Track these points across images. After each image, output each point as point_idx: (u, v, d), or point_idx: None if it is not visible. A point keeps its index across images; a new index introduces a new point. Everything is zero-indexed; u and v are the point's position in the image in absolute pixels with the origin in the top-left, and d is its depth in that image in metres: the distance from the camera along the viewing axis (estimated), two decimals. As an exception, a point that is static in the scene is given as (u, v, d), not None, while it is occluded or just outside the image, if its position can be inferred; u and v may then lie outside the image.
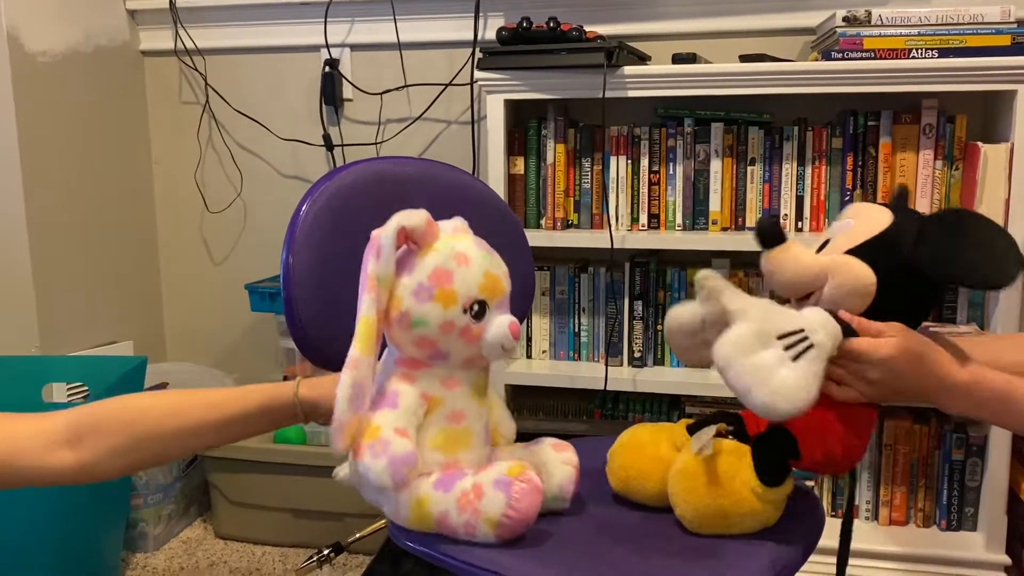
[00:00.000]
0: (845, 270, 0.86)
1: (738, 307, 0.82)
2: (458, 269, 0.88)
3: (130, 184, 2.26)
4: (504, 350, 0.89)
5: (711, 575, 0.84)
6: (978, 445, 1.78)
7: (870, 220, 0.89)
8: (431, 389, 0.91)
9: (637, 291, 1.90)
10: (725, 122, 1.82)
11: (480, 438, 0.94)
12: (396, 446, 0.85)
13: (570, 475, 0.97)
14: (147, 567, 1.91)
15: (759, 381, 0.78)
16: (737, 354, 0.79)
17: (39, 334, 1.93)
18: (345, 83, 2.17)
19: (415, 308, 0.88)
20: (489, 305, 0.89)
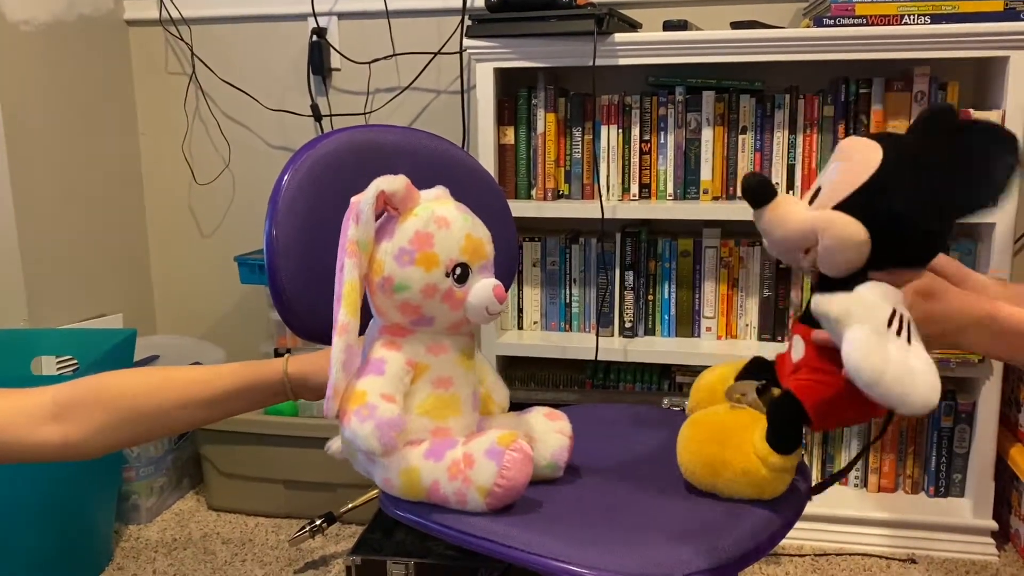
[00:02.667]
0: (832, 229, 0.83)
1: (838, 312, 0.79)
2: (439, 232, 0.88)
3: (117, 156, 2.24)
4: (489, 313, 0.89)
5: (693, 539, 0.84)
6: (966, 412, 1.79)
7: (857, 165, 0.85)
8: (416, 355, 0.91)
9: (628, 261, 1.89)
10: (716, 90, 1.81)
11: (468, 404, 0.94)
12: (382, 410, 0.85)
13: (563, 444, 0.97)
14: (140, 539, 1.92)
15: (909, 384, 0.76)
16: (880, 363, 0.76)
17: (27, 307, 1.92)
18: (333, 52, 2.14)
19: (397, 272, 0.88)
20: (472, 268, 0.89)
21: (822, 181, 0.88)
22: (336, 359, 0.86)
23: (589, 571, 0.82)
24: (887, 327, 0.78)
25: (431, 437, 0.91)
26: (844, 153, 0.88)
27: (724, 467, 0.91)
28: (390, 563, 1.55)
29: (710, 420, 0.94)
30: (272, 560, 1.82)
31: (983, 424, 1.75)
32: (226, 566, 1.79)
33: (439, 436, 0.91)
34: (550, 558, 0.84)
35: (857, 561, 1.76)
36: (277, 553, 1.85)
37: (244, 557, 1.83)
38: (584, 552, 0.83)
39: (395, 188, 0.88)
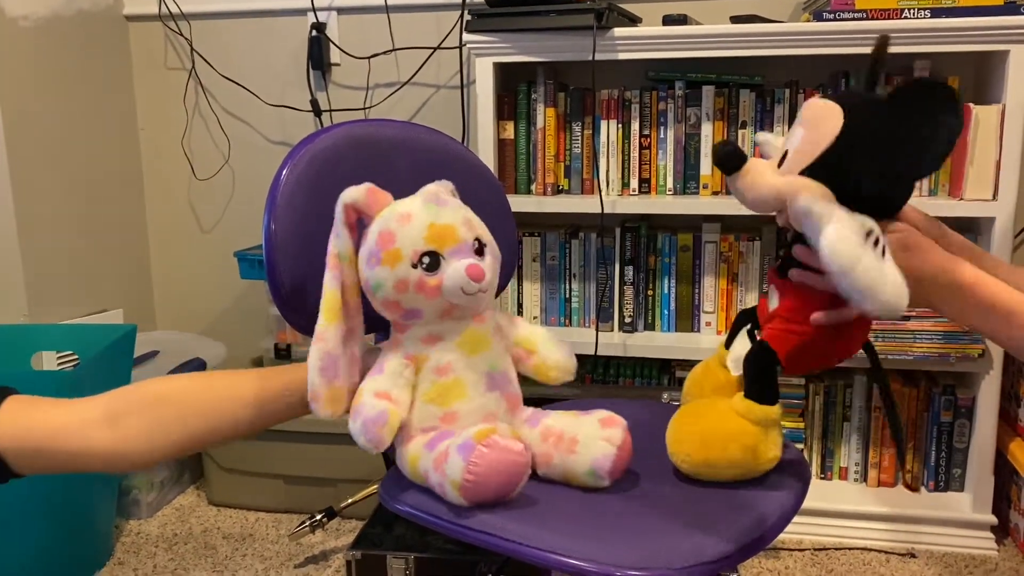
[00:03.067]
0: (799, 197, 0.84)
1: (820, 210, 0.81)
2: (400, 228, 0.90)
3: (116, 152, 2.24)
4: (466, 293, 0.90)
5: (693, 532, 0.85)
6: (966, 407, 1.79)
7: (819, 131, 0.86)
8: (412, 349, 0.94)
9: (628, 256, 1.89)
10: (716, 85, 1.81)
11: (479, 386, 0.94)
12: (368, 408, 0.89)
13: (606, 452, 0.93)
14: (140, 533, 1.92)
15: (878, 278, 0.78)
16: (856, 253, 0.78)
17: (27, 303, 1.92)
18: (332, 47, 2.14)
19: (370, 275, 0.92)
20: (442, 254, 0.90)
21: (788, 145, 0.90)
22: (312, 366, 0.91)
23: (588, 564, 0.82)
24: (864, 238, 0.80)
25: (441, 424, 0.93)
26: (808, 118, 0.89)
27: (712, 437, 0.94)
28: (390, 557, 1.55)
29: (689, 409, 0.98)
30: (272, 555, 1.82)
31: (983, 419, 1.75)
32: (227, 561, 1.80)
33: (447, 422, 0.93)
34: (549, 551, 0.84)
35: (856, 555, 1.76)
36: (277, 548, 1.85)
37: (245, 552, 1.83)
38: (583, 545, 0.83)
39: (356, 197, 0.91)
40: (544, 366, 1.03)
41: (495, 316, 1.00)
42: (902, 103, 0.84)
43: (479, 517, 0.88)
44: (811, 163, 0.86)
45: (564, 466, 0.95)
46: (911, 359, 1.73)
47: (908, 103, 0.84)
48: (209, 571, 1.76)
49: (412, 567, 1.55)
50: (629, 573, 0.81)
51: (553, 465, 0.95)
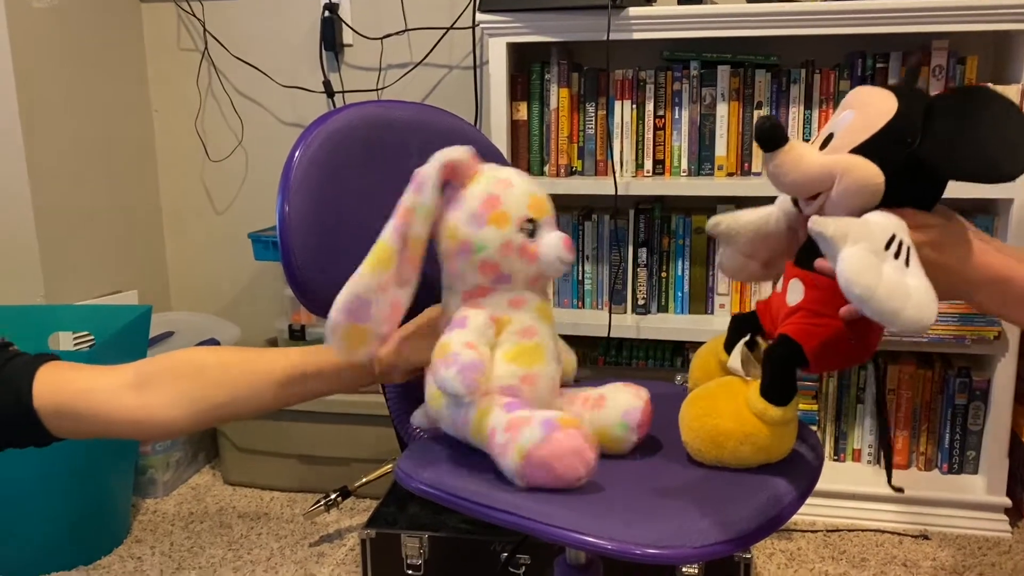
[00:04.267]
0: (852, 172, 0.82)
1: (834, 232, 0.78)
2: (504, 192, 0.93)
3: (131, 133, 2.25)
4: (562, 263, 0.93)
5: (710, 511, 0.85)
6: (981, 389, 1.79)
7: (873, 111, 0.84)
8: (498, 311, 0.95)
9: (641, 238, 1.89)
10: (731, 65, 1.79)
11: (552, 354, 0.97)
12: (464, 356, 0.89)
13: (636, 405, 0.97)
14: (157, 512, 1.94)
15: (901, 298, 0.76)
16: (874, 278, 0.76)
17: (44, 284, 1.93)
18: (345, 28, 2.13)
19: (474, 235, 0.92)
20: (539, 223, 0.93)
21: (834, 127, 0.87)
22: (338, 300, 0.90)
23: (606, 542, 0.82)
24: (884, 249, 0.78)
25: (521, 384, 0.94)
26: (858, 101, 0.87)
27: (726, 438, 0.91)
28: (404, 536, 1.57)
29: (704, 395, 0.95)
30: (287, 534, 1.83)
31: (998, 401, 1.74)
32: (242, 539, 1.81)
33: (527, 383, 0.94)
34: (567, 529, 0.84)
35: (869, 537, 1.77)
36: (292, 527, 1.86)
37: (260, 531, 1.85)
38: (601, 524, 0.83)
39: (460, 157, 0.93)
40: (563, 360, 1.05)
41: None
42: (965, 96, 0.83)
43: (497, 495, 0.88)
44: (864, 141, 0.83)
45: (594, 423, 0.96)
46: (926, 341, 1.72)
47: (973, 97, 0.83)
48: (224, 549, 1.77)
49: (426, 546, 1.56)
50: (648, 551, 0.81)
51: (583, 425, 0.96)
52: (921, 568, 1.66)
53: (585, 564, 1.10)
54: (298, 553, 1.75)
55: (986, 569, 1.65)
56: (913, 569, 1.65)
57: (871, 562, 1.68)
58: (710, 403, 0.93)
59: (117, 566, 1.72)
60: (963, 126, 0.82)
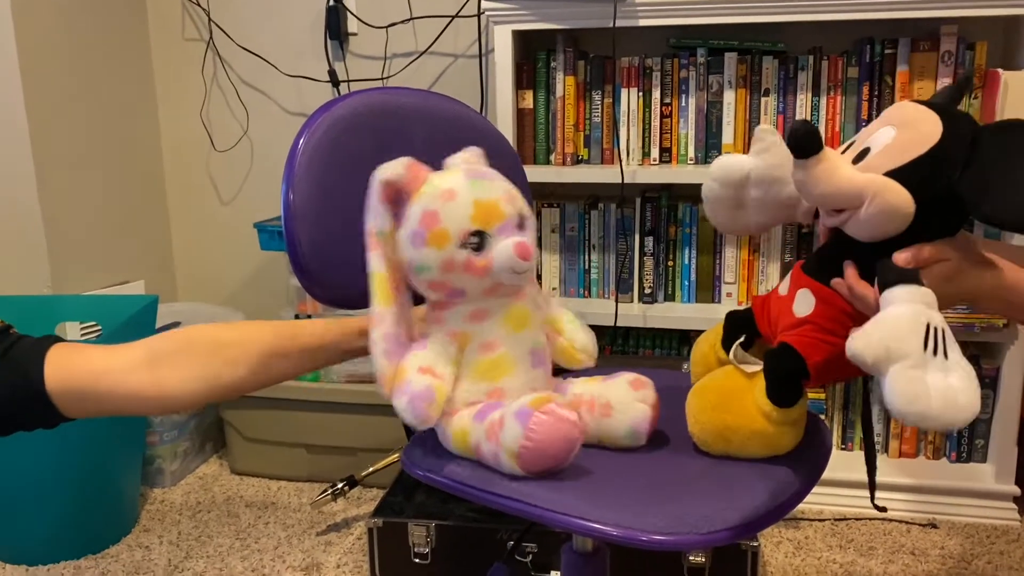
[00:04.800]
0: (884, 196, 0.79)
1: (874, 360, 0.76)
2: (444, 207, 0.88)
3: (136, 123, 2.24)
4: (516, 273, 0.88)
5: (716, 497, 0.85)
6: (990, 377, 1.78)
7: (916, 134, 0.81)
8: (457, 326, 0.92)
9: (648, 227, 1.88)
10: (739, 52, 1.78)
11: (524, 363, 0.93)
12: (414, 384, 0.87)
13: (644, 414, 0.94)
14: (165, 501, 1.95)
15: (952, 408, 0.74)
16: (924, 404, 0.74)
17: (50, 274, 1.94)
18: (350, 16, 2.12)
19: (414, 256, 0.89)
20: (489, 233, 0.88)
21: (872, 143, 0.84)
22: (376, 351, 0.90)
23: (613, 529, 0.82)
24: (923, 351, 0.76)
25: (488, 400, 0.92)
26: (902, 119, 0.84)
27: (733, 433, 0.91)
28: (411, 525, 1.57)
29: (711, 387, 0.94)
30: (295, 523, 1.84)
31: (1007, 389, 1.74)
32: (249, 528, 1.82)
33: (495, 397, 0.92)
34: (574, 516, 0.84)
35: (877, 525, 1.76)
36: (300, 516, 1.87)
37: (267, 520, 1.85)
38: (608, 511, 0.83)
39: (391, 176, 0.89)
40: (571, 348, 1.01)
41: (533, 291, 0.98)
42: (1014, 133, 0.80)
43: (504, 483, 0.88)
44: (901, 165, 0.81)
45: (600, 430, 0.95)
46: (935, 329, 1.71)
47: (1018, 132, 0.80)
48: (232, 538, 1.78)
49: (433, 534, 1.56)
50: (654, 538, 0.81)
51: (588, 430, 0.95)
52: (929, 556, 1.65)
53: (592, 551, 1.09)
54: (305, 542, 1.76)
55: (995, 557, 1.64)
56: (921, 557, 1.65)
57: (879, 551, 1.67)
58: (717, 397, 0.92)
59: (125, 555, 1.73)
60: (1007, 169, 0.79)
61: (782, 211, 0.97)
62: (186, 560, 1.70)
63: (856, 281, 0.84)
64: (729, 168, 0.97)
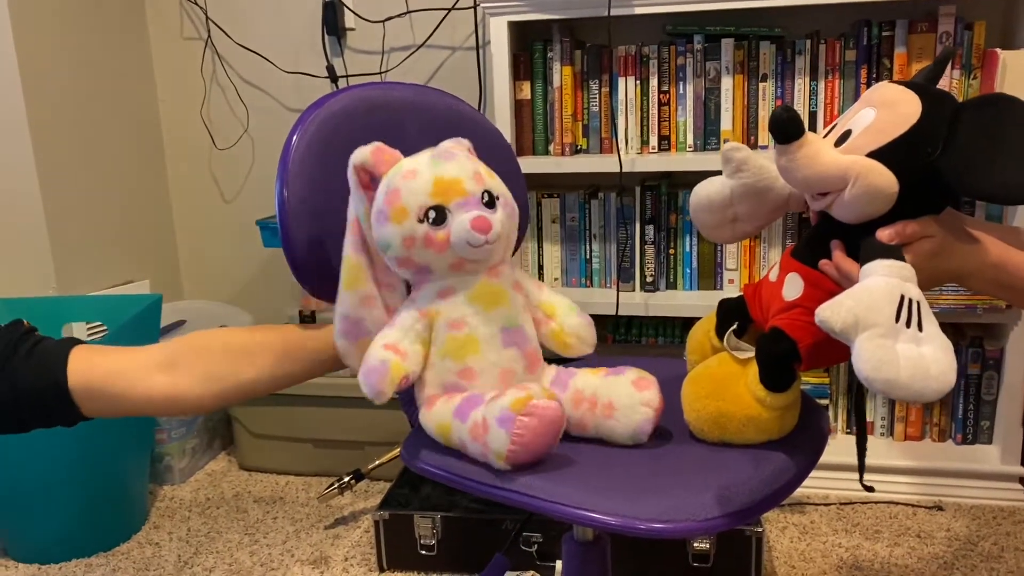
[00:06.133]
0: (868, 177, 0.80)
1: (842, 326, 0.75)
2: (404, 184, 0.90)
3: (137, 123, 2.25)
4: (472, 247, 0.89)
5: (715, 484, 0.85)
6: (994, 359, 1.77)
7: (896, 113, 0.82)
8: (425, 303, 0.94)
9: (648, 215, 1.88)
10: (735, 38, 1.77)
11: (494, 341, 0.93)
12: (371, 359, 0.91)
13: (647, 417, 0.92)
14: (174, 498, 1.97)
15: (921, 378, 0.74)
16: (892, 370, 0.73)
17: (55, 276, 1.95)
18: (347, 12, 2.12)
19: (379, 233, 0.92)
20: (448, 208, 0.90)
21: (853, 124, 0.85)
22: (335, 331, 0.96)
23: (612, 518, 0.82)
24: (895, 322, 0.76)
25: (459, 379, 0.93)
26: (882, 99, 0.84)
27: (728, 420, 0.91)
28: (417, 517, 1.58)
29: (704, 375, 0.94)
30: (303, 517, 1.85)
31: (1011, 371, 1.73)
32: (258, 523, 1.83)
33: (464, 377, 0.92)
34: (572, 506, 0.84)
35: (883, 509, 1.76)
36: (307, 510, 1.88)
37: (275, 515, 1.87)
38: (606, 500, 0.84)
39: (363, 158, 0.92)
40: (562, 332, 1.00)
41: (513, 272, 0.98)
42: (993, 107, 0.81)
43: (503, 475, 0.89)
44: (883, 145, 0.81)
45: (601, 430, 0.94)
46: (937, 312, 1.69)
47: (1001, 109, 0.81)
48: (241, 534, 1.79)
49: (439, 526, 1.57)
50: (653, 526, 0.81)
51: (588, 429, 0.95)
52: (935, 539, 1.65)
53: (592, 540, 1.10)
54: (313, 536, 1.77)
55: (1000, 538, 1.64)
56: (927, 540, 1.65)
57: (884, 534, 1.67)
58: (712, 385, 0.92)
59: (136, 552, 1.75)
60: (987, 144, 0.79)
61: (775, 211, 0.98)
62: (196, 556, 1.72)
63: (843, 259, 0.85)
64: (709, 196, 0.98)
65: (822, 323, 0.77)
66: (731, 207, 0.98)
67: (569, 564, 1.12)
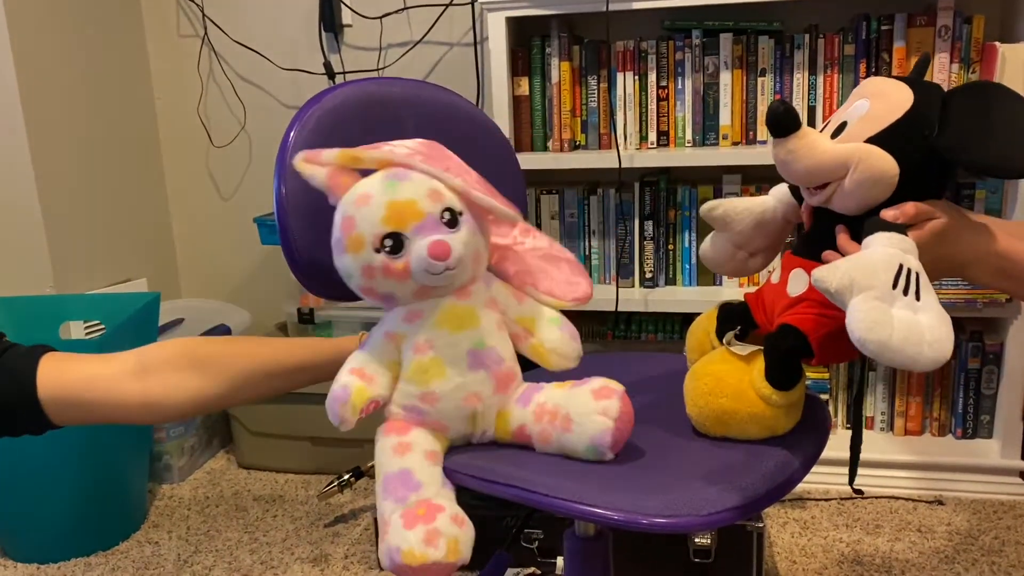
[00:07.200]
0: (868, 162, 0.81)
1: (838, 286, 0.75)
2: (358, 211, 0.86)
3: (134, 121, 2.25)
4: (433, 275, 0.85)
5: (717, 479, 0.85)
6: (994, 353, 1.77)
7: (890, 101, 0.83)
8: (392, 327, 0.91)
9: (647, 211, 1.88)
10: (734, 32, 1.77)
11: (457, 366, 0.89)
12: (335, 384, 0.89)
13: (604, 427, 0.87)
14: (173, 497, 1.96)
15: (915, 343, 0.73)
16: (886, 332, 0.73)
17: (53, 274, 1.94)
18: (344, 8, 2.12)
19: (339, 263, 0.89)
20: (405, 234, 0.85)
21: (848, 116, 0.85)
22: None
23: (615, 513, 0.82)
24: (892, 288, 0.75)
25: (420, 403, 0.90)
26: (872, 90, 0.85)
27: (731, 417, 0.90)
28: (418, 515, 1.57)
29: (707, 371, 0.93)
30: (302, 515, 1.85)
31: (1011, 365, 1.73)
32: (258, 522, 1.83)
33: (427, 402, 0.90)
34: (575, 502, 0.84)
35: (884, 504, 1.76)
36: (307, 508, 1.88)
37: (275, 513, 1.86)
38: (609, 495, 0.83)
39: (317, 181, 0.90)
40: (542, 348, 0.95)
41: (489, 289, 0.94)
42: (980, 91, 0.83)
43: (505, 471, 0.88)
44: (880, 131, 0.82)
45: (562, 445, 0.89)
46: (937, 306, 1.71)
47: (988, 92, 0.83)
48: (241, 532, 1.79)
49: (440, 523, 1.57)
50: (655, 521, 0.81)
51: (552, 443, 0.90)
52: (936, 533, 1.65)
53: (594, 536, 1.10)
54: (313, 534, 1.77)
55: (1001, 532, 1.64)
56: (928, 534, 1.65)
57: (885, 528, 1.67)
58: (715, 382, 0.91)
59: (135, 551, 1.74)
60: (979, 120, 0.81)
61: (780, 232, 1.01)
62: (195, 555, 1.71)
63: (847, 243, 0.85)
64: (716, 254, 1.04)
65: (817, 282, 0.77)
66: (739, 251, 1.02)
67: (571, 560, 1.11)
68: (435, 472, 0.90)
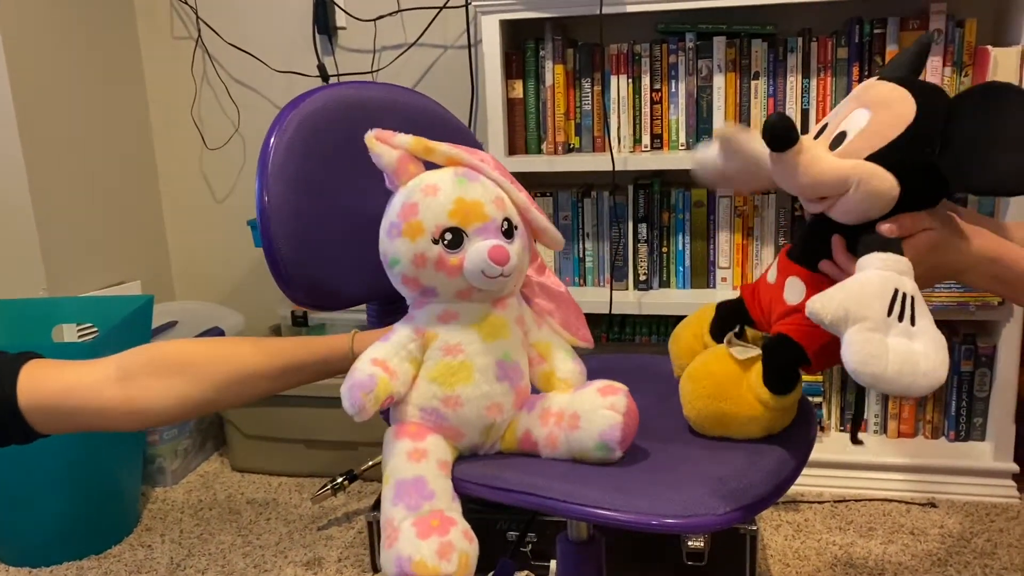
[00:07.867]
0: (871, 183, 0.80)
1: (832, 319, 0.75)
2: (424, 200, 0.86)
3: (128, 123, 2.24)
4: (488, 277, 0.85)
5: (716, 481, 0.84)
6: (987, 356, 1.78)
7: (891, 114, 0.81)
8: (424, 324, 0.90)
9: (641, 214, 1.88)
10: (727, 36, 1.77)
11: (488, 373, 0.89)
12: (358, 373, 0.86)
13: (613, 422, 0.87)
14: (166, 500, 1.96)
15: (910, 373, 0.74)
16: (880, 365, 0.73)
17: (46, 277, 1.94)
18: (338, 10, 2.12)
19: (388, 247, 0.88)
20: (466, 232, 0.86)
21: (847, 126, 0.84)
22: None
23: (616, 514, 0.82)
24: (887, 315, 0.75)
25: (441, 407, 0.89)
26: (873, 99, 0.84)
27: (731, 419, 0.91)
28: (411, 518, 1.57)
29: (705, 373, 0.93)
30: (296, 518, 1.84)
31: (1004, 367, 1.74)
32: (251, 525, 1.82)
33: (449, 405, 0.89)
34: (591, 507, 0.83)
35: (877, 506, 1.76)
36: (300, 511, 1.87)
37: (268, 516, 1.86)
38: (623, 499, 0.82)
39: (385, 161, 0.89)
40: (554, 376, 0.95)
41: (520, 307, 0.95)
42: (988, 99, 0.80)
43: (516, 478, 0.87)
44: (881, 148, 0.81)
45: (571, 444, 0.89)
46: (930, 309, 1.71)
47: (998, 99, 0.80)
48: (234, 535, 1.78)
49: (433, 527, 1.56)
50: (666, 521, 0.80)
51: (559, 445, 0.90)
52: (929, 536, 1.65)
53: (587, 540, 1.10)
54: (307, 537, 1.76)
55: (994, 535, 1.65)
56: (921, 537, 1.65)
57: (878, 531, 1.68)
58: (713, 386, 0.92)
59: (128, 555, 1.74)
60: (983, 137, 0.79)
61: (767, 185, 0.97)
62: (188, 558, 1.71)
63: (843, 255, 0.85)
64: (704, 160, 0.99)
65: (812, 315, 0.76)
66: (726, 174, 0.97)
67: (564, 564, 1.11)
68: (447, 483, 0.88)
